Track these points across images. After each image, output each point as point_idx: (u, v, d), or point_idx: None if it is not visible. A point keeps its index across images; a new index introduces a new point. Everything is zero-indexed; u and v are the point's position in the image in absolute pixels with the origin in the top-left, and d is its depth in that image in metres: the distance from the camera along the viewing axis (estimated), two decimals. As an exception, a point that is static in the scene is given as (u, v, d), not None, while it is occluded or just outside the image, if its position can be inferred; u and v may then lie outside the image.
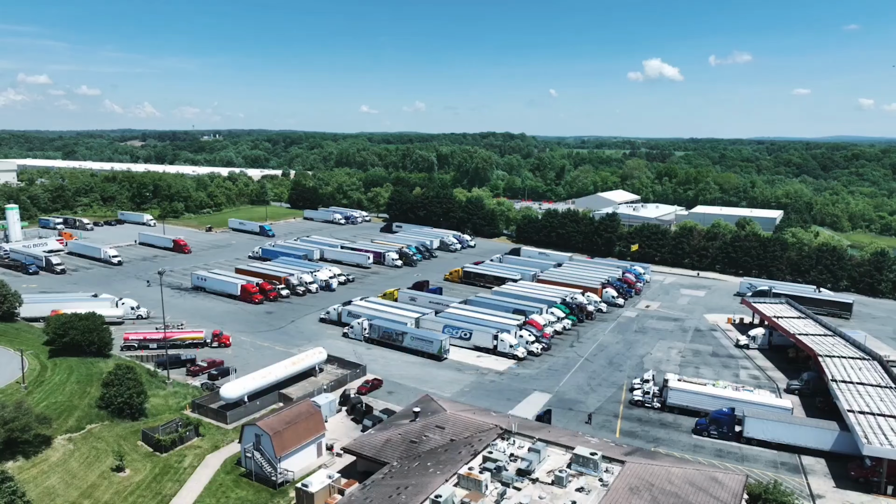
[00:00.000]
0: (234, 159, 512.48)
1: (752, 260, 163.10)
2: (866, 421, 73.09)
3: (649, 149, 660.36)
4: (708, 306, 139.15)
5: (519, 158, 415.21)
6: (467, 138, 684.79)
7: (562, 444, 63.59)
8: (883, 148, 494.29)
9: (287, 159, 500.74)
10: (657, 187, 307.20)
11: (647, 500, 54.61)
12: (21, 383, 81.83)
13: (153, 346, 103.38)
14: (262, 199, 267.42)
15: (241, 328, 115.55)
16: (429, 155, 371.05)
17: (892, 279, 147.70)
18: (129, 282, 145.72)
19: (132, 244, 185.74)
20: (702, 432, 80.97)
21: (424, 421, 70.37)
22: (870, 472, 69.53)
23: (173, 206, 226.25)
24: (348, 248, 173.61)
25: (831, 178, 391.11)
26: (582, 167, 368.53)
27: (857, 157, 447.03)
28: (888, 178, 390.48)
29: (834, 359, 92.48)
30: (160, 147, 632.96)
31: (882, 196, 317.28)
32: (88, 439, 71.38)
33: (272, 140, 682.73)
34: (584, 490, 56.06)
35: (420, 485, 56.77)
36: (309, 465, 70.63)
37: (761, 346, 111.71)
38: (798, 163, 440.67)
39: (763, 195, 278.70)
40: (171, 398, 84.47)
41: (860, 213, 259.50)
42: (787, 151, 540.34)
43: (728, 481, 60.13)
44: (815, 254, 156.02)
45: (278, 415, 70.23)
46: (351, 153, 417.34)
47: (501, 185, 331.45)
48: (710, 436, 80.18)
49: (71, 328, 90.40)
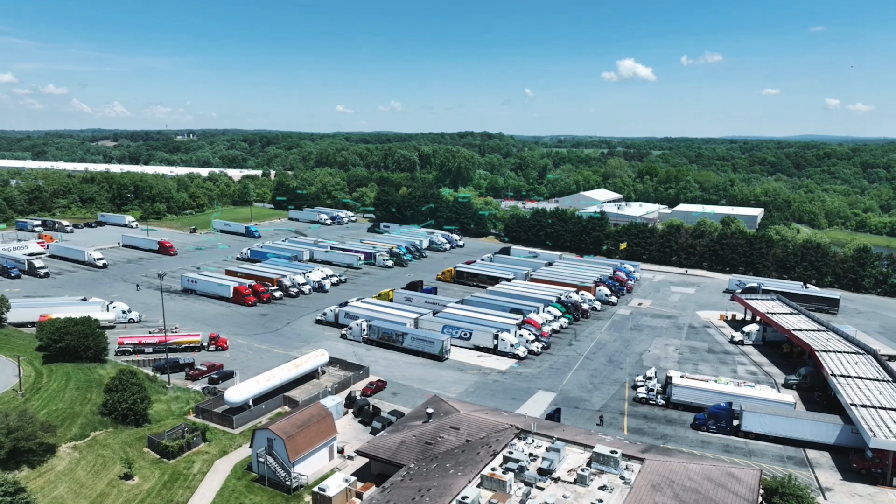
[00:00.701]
0: (211, 159, 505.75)
1: (738, 257, 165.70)
2: (868, 414, 74.65)
3: (625, 148, 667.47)
4: (699, 303, 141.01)
5: (500, 158, 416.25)
6: (445, 138, 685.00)
7: (580, 442, 63.82)
8: (853, 147, 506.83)
9: (265, 159, 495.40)
10: (639, 186, 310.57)
11: (670, 497, 55.05)
12: (17, 391, 79.60)
13: (149, 350, 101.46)
14: (245, 200, 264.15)
15: (237, 331, 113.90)
16: (411, 155, 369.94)
17: (874, 275, 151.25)
18: (116, 285, 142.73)
19: (115, 246, 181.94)
20: (700, 427, 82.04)
21: (438, 422, 70.05)
22: (871, 464, 71.06)
23: (155, 208, 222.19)
24: (338, 249, 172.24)
25: (805, 177, 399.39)
26: (564, 166, 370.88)
27: (828, 156, 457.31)
28: (859, 177, 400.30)
29: (830, 353, 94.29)
30: (134, 147, 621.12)
31: (855, 194, 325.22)
32: (93, 447, 69.68)
33: (248, 140, 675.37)
34: (607, 488, 56.30)
35: (442, 486, 56.48)
36: (321, 468, 69.88)
37: (756, 342, 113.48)
38: (772, 161, 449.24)
39: (742, 193, 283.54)
40: (173, 403, 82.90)
41: (836, 211, 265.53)
42: (760, 150, 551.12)
43: (744, 476, 60.93)
44: (800, 251, 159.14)
45: (290, 418, 69.32)
46: (331, 153, 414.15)
47: (484, 184, 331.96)
48: (708, 430, 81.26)
49: (66, 333, 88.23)
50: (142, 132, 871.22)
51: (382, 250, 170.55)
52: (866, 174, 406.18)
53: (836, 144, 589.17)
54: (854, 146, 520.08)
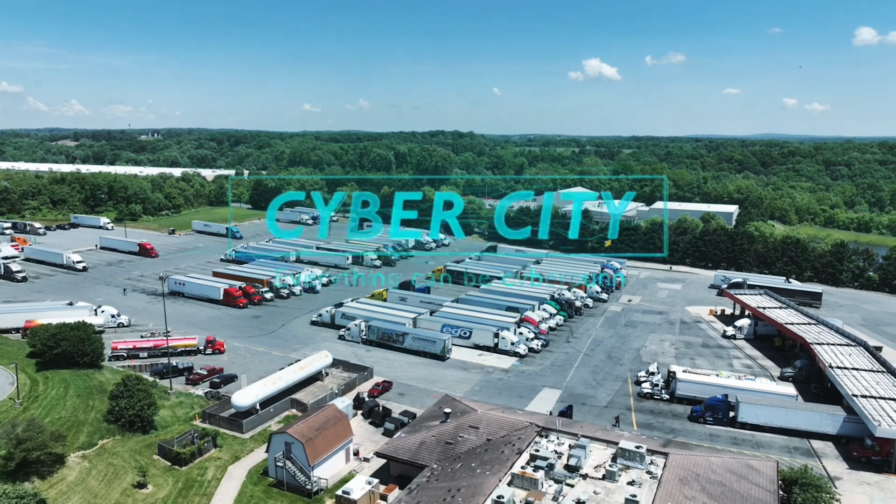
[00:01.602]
0: (180, 159, 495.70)
1: (721, 253, 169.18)
2: (869, 404, 76.84)
3: (595, 147, 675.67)
4: (687, 299, 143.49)
5: (474, 157, 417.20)
6: (417, 137, 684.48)
7: (602, 438, 64.35)
8: (815, 145, 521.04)
9: (236, 159, 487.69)
10: (615, 184, 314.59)
11: (697, 490, 55.89)
12: (15, 399, 76.86)
13: (144, 354, 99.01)
14: (221, 200, 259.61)
15: (231, 334, 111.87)
16: (387, 154, 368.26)
17: (851, 269, 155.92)
18: (98, 288, 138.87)
19: (93, 249, 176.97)
20: (698, 419, 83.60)
21: (457, 421, 69.88)
22: (871, 452, 73.28)
23: (131, 209, 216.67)
24: (324, 249, 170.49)
25: (771, 174, 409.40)
26: (540, 164, 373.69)
27: (792, 154, 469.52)
28: (822, 174, 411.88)
29: (824, 346, 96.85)
30: (97, 147, 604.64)
31: (820, 190, 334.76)
32: (103, 455, 67.68)
33: (216, 139, 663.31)
34: (636, 483, 56.87)
35: (472, 486, 56.33)
36: (339, 471, 69.14)
37: (747, 335, 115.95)
38: (739, 160, 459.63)
39: (716, 191, 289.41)
40: (178, 409, 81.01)
41: (805, 207, 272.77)
42: (726, 149, 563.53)
43: (763, 468, 62.21)
44: (780, 246, 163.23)
45: (306, 421, 68.35)
46: (304, 152, 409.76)
47: (461, 183, 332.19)
48: (706, 422, 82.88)
49: (62, 339, 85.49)
50: (104, 131, 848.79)
51: (370, 250, 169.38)
52: (829, 171, 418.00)
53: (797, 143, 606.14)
54: (816, 144, 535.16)
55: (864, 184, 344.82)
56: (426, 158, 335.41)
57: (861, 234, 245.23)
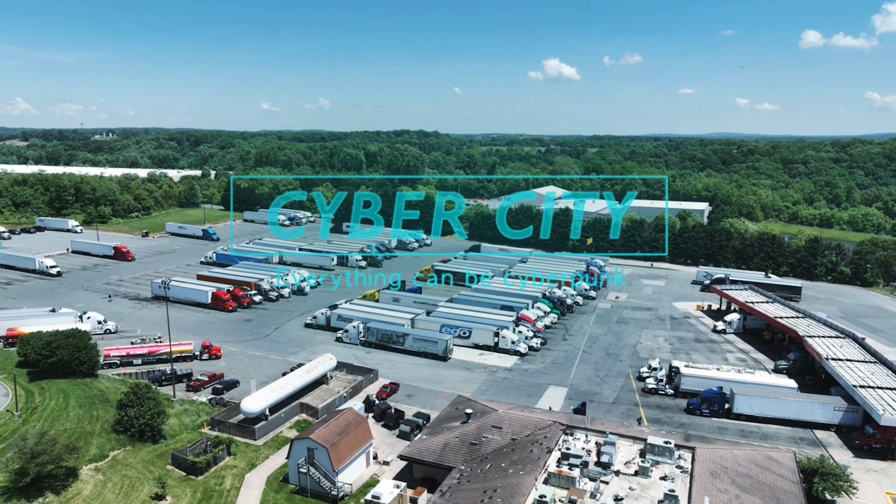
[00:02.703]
0: (140, 159, 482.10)
1: (699, 250, 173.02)
2: (868, 394, 79.53)
3: (558, 145, 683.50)
4: (672, 295, 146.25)
5: (444, 156, 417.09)
6: (382, 136, 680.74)
7: (629, 435, 65.02)
8: (773, 144, 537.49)
9: (199, 159, 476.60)
10: (586, 183, 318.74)
11: (728, 483, 56.98)
12: (13, 412, 73.47)
13: (138, 361, 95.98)
14: (192, 202, 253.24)
15: (226, 338, 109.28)
16: (357, 153, 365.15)
17: (825, 264, 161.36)
18: (77, 294, 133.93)
19: (64, 253, 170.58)
20: (694, 411, 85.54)
21: (478, 422, 69.68)
22: (872, 440, 75.96)
23: (99, 211, 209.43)
24: (307, 250, 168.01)
25: (732, 172, 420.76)
26: (512, 164, 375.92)
27: (751, 153, 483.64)
28: (780, 172, 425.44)
29: (815, 338, 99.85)
30: (50, 147, 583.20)
31: (781, 188, 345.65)
32: (116, 467, 65.25)
33: (175, 139, 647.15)
34: (668, 478, 57.64)
35: (509, 486, 56.23)
36: (361, 475, 68.26)
37: (737, 330, 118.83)
38: (701, 158, 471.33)
39: (685, 189, 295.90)
40: (184, 416, 78.72)
41: (770, 204, 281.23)
42: (686, 147, 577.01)
43: (782, 459, 63.84)
44: (757, 242, 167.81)
45: (328, 426, 67.20)
46: (271, 152, 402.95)
47: (433, 182, 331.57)
48: (702, 414, 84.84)
49: (58, 347, 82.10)
50: (55, 131, 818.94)
51: (354, 251, 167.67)
52: (786, 169, 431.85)
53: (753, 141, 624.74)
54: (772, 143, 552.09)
55: (822, 181, 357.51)
56: (397, 158, 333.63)
57: (824, 229, 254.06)
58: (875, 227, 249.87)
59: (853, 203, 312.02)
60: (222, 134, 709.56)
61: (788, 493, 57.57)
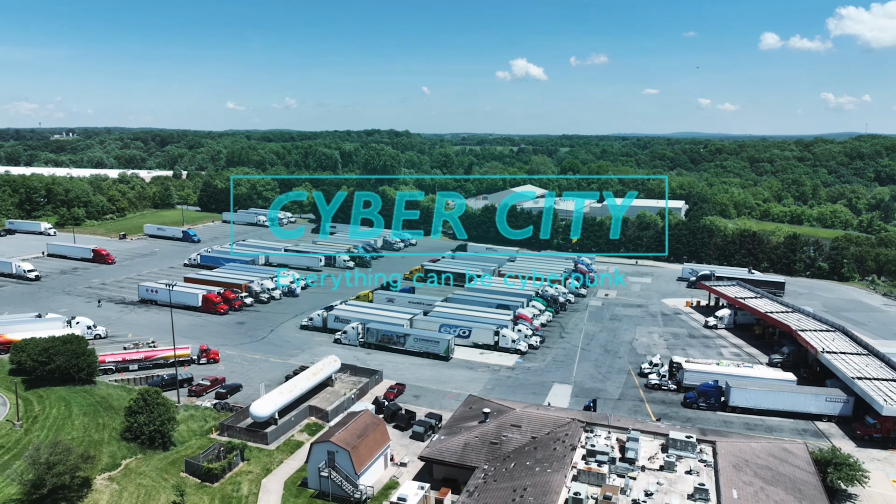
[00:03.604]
0: (106, 160, 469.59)
1: (683, 247, 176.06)
2: (867, 386, 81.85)
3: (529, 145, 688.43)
4: (660, 292, 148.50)
5: (419, 155, 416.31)
6: (352, 135, 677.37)
7: (650, 430, 65.77)
8: (739, 143, 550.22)
9: (168, 159, 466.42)
10: (563, 182, 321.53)
11: (751, 475, 58.07)
12: (14, 422, 70.84)
13: (134, 367, 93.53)
14: (167, 203, 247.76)
15: (221, 341, 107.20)
16: (332, 153, 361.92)
17: (804, 259, 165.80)
18: (59, 298, 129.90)
19: (40, 256, 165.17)
20: (691, 405, 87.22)
21: (497, 421, 69.67)
22: (872, 430, 78.32)
23: (73, 213, 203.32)
24: (293, 251, 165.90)
25: (701, 171, 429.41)
26: (489, 164, 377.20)
27: (719, 151, 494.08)
28: (747, 170, 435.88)
29: (807, 332, 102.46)
30: (9, 147, 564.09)
31: (749, 185, 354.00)
32: (130, 476, 63.41)
33: (141, 138, 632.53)
34: (693, 472, 58.46)
35: (539, 484, 56.35)
36: (380, 478, 67.66)
37: (728, 325, 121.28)
38: (671, 157, 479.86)
39: (660, 187, 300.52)
40: (191, 422, 76.98)
41: (742, 202, 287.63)
42: (655, 146, 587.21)
43: (796, 450, 65.39)
44: (738, 239, 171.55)
45: (347, 429, 66.38)
46: (242, 151, 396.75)
47: (410, 181, 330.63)
48: (699, 407, 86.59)
49: (56, 354, 79.43)
50: (11, 130, 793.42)
51: (342, 251, 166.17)
52: (753, 168, 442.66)
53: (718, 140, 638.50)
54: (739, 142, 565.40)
55: (789, 179, 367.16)
56: (374, 158, 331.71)
57: (794, 226, 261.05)
58: (843, 224, 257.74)
59: (819, 201, 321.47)
60: (189, 134, 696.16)
61: (808, 483, 58.95)
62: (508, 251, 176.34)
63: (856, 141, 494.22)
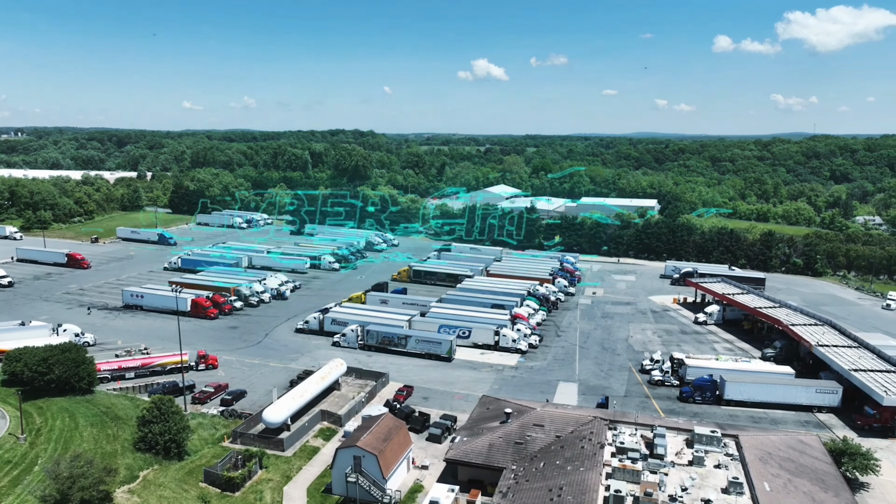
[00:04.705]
0: (62, 161, 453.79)
1: (662, 245, 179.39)
2: (865, 377, 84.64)
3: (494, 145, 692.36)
4: (646, 289, 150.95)
5: (388, 156, 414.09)
6: (317, 136, 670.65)
7: (674, 426, 66.75)
8: (701, 143, 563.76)
9: (128, 160, 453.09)
10: (535, 181, 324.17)
11: (777, 468, 59.47)
12: (17, 435, 67.72)
13: (130, 375, 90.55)
14: (136, 205, 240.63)
15: (216, 347, 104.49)
16: (302, 153, 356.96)
17: (779, 256, 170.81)
18: (36, 305, 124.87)
19: (9, 261, 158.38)
20: (687, 399, 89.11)
21: (518, 421, 69.71)
22: (872, 420, 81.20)
23: (39, 216, 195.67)
24: (278, 253, 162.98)
25: (666, 170, 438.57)
26: (462, 163, 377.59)
27: (682, 151, 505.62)
28: (710, 169, 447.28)
29: (798, 327, 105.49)
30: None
31: (714, 184, 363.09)
32: (149, 488, 61.30)
33: (97, 139, 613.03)
34: (722, 466, 59.54)
35: (575, 483, 56.60)
36: (404, 481, 67.06)
37: (717, 321, 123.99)
38: (636, 157, 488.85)
39: (630, 186, 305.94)
40: (201, 430, 74.81)
41: (710, 200, 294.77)
42: (620, 146, 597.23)
43: (812, 442, 67.26)
44: (716, 236, 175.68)
45: (371, 433, 65.51)
46: (208, 152, 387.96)
47: (382, 182, 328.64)
48: (694, 401, 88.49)
49: (56, 363, 76.32)
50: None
51: (326, 253, 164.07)
52: (716, 167, 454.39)
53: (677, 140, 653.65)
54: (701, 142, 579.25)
55: (751, 178, 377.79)
56: (345, 158, 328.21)
57: (761, 223, 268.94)
58: (807, 221, 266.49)
59: (780, 199, 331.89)
60: (147, 134, 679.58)
61: (829, 474, 60.70)
62: (493, 251, 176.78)
63: (811, 141, 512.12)
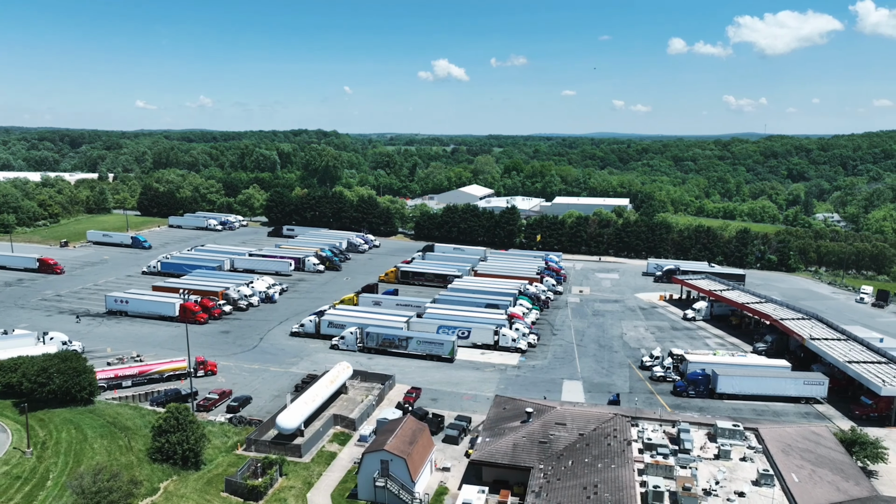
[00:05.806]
0: (13, 162, 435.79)
1: (642, 243, 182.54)
2: (860, 369, 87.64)
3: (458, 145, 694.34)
4: (631, 287, 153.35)
5: (357, 156, 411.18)
6: (279, 136, 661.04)
7: (696, 421, 67.85)
8: (664, 143, 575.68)
9: (85, 161, 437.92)
10: (507, 181, 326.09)
11: (799, 459, 61.06)
12: (23, 450, 64.62)
13: (127, 383, 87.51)
14: (103, 207, 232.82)
15: (211, 352, 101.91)
16: (271, 154, 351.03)
17: (755, 252, 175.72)
18: (12, 312, 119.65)
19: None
20: (681, 393, 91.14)
21: (540, 420, 69.88)
22: (869, 409, 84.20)
23: (2, 219, 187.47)
24: (259, 256, 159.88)
25: (630, 170, 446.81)
26: (433, 163, 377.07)
27: (645, 151, 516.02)
28: (673, 169, 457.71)
29: (788, 321, 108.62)
30: None
31: (678, 183, 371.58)
32: (172, 500, 59.24)
33: (48, 139, 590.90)
34: (747, 459, 60.79)
35: (609, 480, 57.00)
36: (429, 484, 66.50)
37: (705, 317, 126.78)
38: (601, 156, 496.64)
39: (601, 185, 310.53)
40: (212, 438, 72.67)
41: (678, 199, 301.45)
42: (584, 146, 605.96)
43: (824, 433, 69.28)
44: (694, 234, 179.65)
45: (397, 436, 64.76)
46: (171, 152, 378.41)
47: (353, 182, 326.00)
48: (688, 395, 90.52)
49: (56, 373, 73.05)
50: None
51: (310, 255, 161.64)
52: (678, 167, 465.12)
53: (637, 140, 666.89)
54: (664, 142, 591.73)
55: (714, 177, 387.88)
56: (315, 158, 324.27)
57: (728, 221, 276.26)
58: (771, 218, 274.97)
59: (743, 197, 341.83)
60: (101, 133, 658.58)
61: (846, 464, 62.61)
62: (477, 250, 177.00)
63: (768, 141, 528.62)
